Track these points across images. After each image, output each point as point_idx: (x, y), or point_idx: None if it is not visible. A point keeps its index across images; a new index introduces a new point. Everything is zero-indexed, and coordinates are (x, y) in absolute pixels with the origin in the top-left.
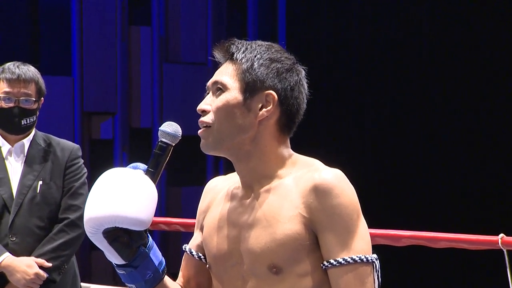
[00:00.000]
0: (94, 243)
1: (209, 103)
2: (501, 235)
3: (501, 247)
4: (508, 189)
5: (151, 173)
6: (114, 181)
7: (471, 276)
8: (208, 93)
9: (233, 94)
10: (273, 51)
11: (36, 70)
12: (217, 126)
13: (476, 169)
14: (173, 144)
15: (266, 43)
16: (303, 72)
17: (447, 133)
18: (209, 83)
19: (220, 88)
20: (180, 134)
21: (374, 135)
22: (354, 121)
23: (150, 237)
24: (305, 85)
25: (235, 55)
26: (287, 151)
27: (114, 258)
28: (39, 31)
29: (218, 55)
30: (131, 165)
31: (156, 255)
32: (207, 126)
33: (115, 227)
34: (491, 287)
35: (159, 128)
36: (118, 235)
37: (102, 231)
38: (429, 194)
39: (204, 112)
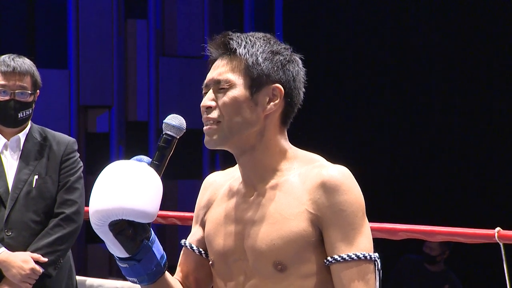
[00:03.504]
0: (99, 235)
1: (213, 99)
2: (498, 228)
3: (498, 241)
4: (505, 183)
5: (156, 166)
6: (120, 173)
7: (467, 269)
8: (208, 89)
9: (240, 89)
10: (272, 43)
11: (32, 62)
12: (227, 122)
13: (473, 163)
14: (178, 137)
15: (262, 34)
16: (300, 61)
17: (444, 127)
18: (210, 79)
19: (226, 84)
20: (185, 126)
21: (371, 130)
22: (352, 116)
23: (152, 230)
24: (303, 74)
25: (237, 51)
26: (287, 143)
27: (118, 251)
28: (35, 24)
29: (214, 50)
30: (135, 157)
31: (158, 249)
32: (216, 122)
33: (121, 219)
34: (487, 281)
35: (164, 121)
36: (123, 228)
37: (108, 223)
38: (426, 188)
39: (209, 109)
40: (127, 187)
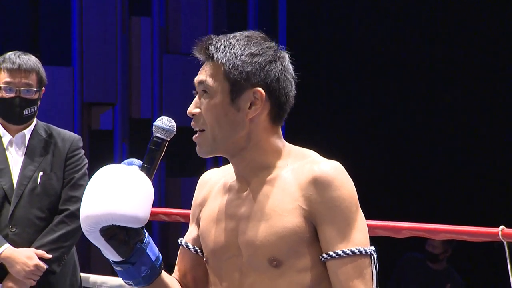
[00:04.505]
0: (91, 241)
1: (198, 106)
2: (502, 227)
3: (501, 239)
4: (509, 181)
5: (147, 169)
6: (110, 178)
7: (471, 267)
8: (196, 92)
9: (220, 96)
10: (252, 44)
11: (37, 59)
12: (210, 130)
13: (477, 160)
14: (168, 139)
15: (246, 34)
16: (287, 57)
17: (446, 124)
18: (195, 81)
19: (206, 91)
20: (175, 129)
21: (373, 127)
22: (354, 113)
23: (146, 232)
24: (291, 70)
25: (215, 57)
26: (281, 141)
27: (111, 255)
28: (39, 21)
29: (198, 55)
30: (126, 161)
31: (153, 251)
32: (201, 130)
33: (112, 224)
34: (491, 279)
35: (154, 124)
36: (115, 233)
37: (99, 229)
38: (430, 186)
39: (195, 116)
40: (117, 192)
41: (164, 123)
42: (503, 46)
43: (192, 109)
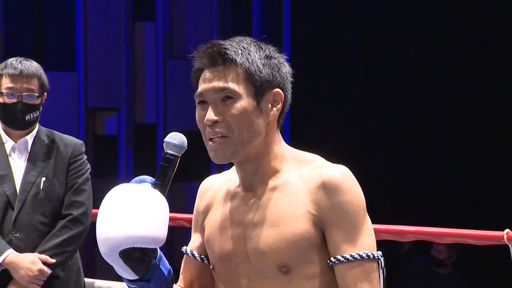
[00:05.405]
0: (109, 262)
1: (219, 113)
2: (507, 230)
3: (507, 243)
4: None
5: (159, 186)
6: (126, 198)
7: (476, 271)
8: (203, 98)
9: (247, 100)
10: (263, 47)
11: (39, 65)
12: (237, 135)
13: (482, 164)
14: (180, 155)
15: (249, 40)
16: (286, 59)
17: (451, 128)
18: (210, 90)
19: (231, 96)
20: (186, 144)
21: (378, 131)
22: (359, 116)
23: (158, 248)
24: (291, 73)
25: (237, 61)
26: (283, 143)
27: (127, 274)
28: (44, 27)
29: (207, 61)
30: (137, 178)
31: (165, 265)
32: (225, 136)
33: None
34: (496, 282)
35: (164, 140)
36: (131, 252)
37: (118, 251)
38: (434, 189)
39: (216, 123)
40: (136, 214)
41: (175, 139)
42: (504, 46)
43: (212, 116)
